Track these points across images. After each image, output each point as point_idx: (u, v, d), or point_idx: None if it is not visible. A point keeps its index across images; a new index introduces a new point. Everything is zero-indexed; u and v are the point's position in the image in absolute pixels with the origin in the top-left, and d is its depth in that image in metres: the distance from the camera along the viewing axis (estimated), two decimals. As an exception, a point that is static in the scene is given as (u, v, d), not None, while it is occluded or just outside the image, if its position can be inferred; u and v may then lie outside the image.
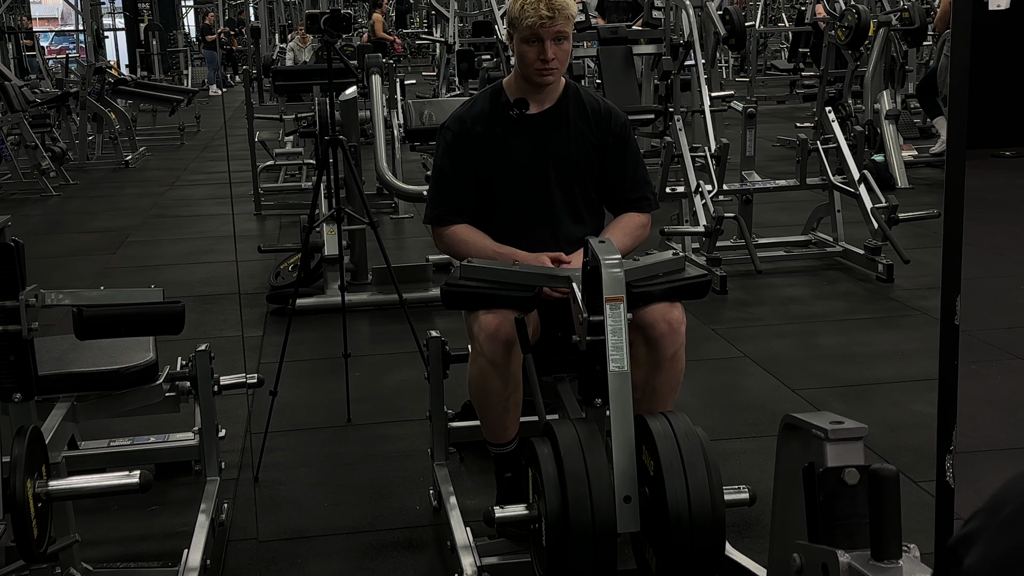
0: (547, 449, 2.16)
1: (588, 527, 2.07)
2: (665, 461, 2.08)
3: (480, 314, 2.56)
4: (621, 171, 2.86)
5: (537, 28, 2.66)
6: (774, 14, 20.33)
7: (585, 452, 2.12)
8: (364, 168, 6.02)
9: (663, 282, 2.54)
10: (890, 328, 4.71)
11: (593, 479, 2.09)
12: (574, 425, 2.21)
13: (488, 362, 2.55)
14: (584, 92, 2.90)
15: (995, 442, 3.40)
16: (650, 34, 7.97)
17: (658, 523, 2.10)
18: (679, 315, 2.59)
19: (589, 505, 2.07)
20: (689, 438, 2.12)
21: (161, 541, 2.93)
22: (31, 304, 2.23)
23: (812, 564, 1.48)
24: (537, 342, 2.63)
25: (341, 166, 4.09)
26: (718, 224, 5.35)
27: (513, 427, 2.69)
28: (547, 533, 2.12)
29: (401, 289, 3.87)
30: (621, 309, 2.23)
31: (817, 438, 1.55)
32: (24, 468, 2.02)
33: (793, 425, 1.68)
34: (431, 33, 14.69)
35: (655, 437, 2.11)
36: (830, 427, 1.54)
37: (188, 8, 28.31)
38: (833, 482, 1.48)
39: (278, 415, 3.51)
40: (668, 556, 2.07)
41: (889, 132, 8.00)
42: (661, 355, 2.57)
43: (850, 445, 1.53)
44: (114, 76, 12.55)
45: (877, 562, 1.36)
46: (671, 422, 2.16)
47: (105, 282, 5.72)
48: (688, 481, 2.07)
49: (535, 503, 2.20)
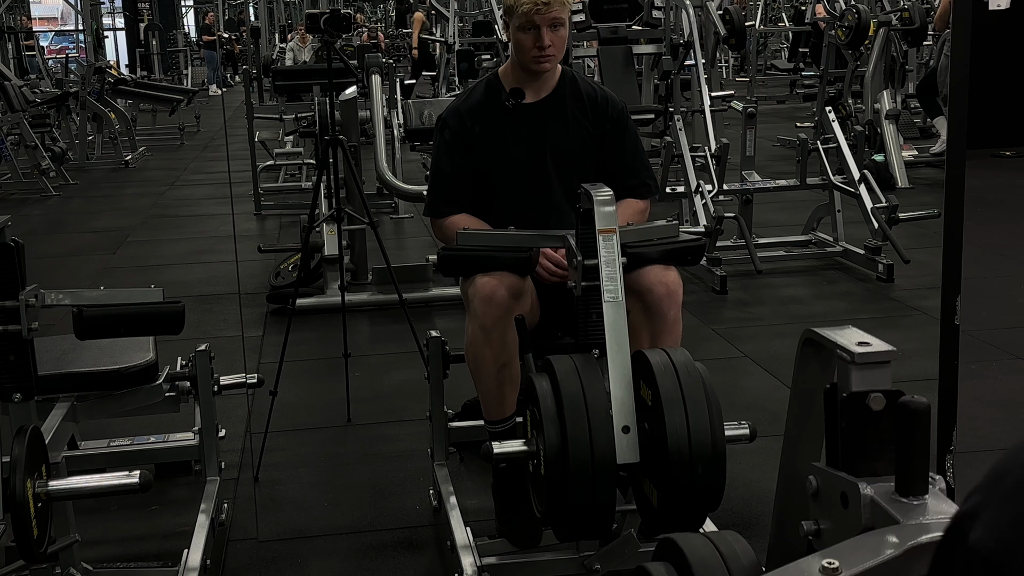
0: (545, 383, 2.13)
1: (587, 458, 2.03)
2: (664, 394, 2.04)
3: (476, 278, 2.56)
4: (620, 158, 2.86)
5: (533, 15, 2.65)
6: (774, 14, 20.33)
7: (584, 384, 2.09)
8: (364, 168, 6.02)
9: (658, 244, 2.55)
10: (890, 328, 4.70)
11: (592, 410, 2.06)
12: (572, 359, 2.17)
13: (480, 327, 2.54)
14: (581, 79, 2.89)
15: (995, 442, 3.40)
16: (650, 34, 7.97)
17: (658, 456, 2.06)
18: (675, 277, 2.58)
19: (588, 437, 2.04)
20: (689, 372, 2.09)
21: (161, 541, 2.93)
22: (31, 304, 2.23)
23: (829, 490, 1.40)
24: (536, 328, 2.63)
25: (341, 166, 4.09)
26: (718, 224, 5.34)
27: (509, 403, 2.66)
28: (546, 466, 2.08)
29: (401, 289, 3.87)
30: (614, 240, 2.24)
31: (842, 359, 1.46)
32: (24, 468, 2.02)
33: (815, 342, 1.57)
34: (431, 33, 14.68)
35: (654, 370, 2.08)
36: (856, 349, 1.44)
37: (188, 8, 28.31)
38: (857, 408, 1.39)
39: (278, 415, 3.51)
40: (669, 490, 2.04)
41: (889, 132, 8.00)
42: (661, 319, 2.55)
43: (877, 369, 1.44)
44: (114, 76, 12.55)
45: (901, 497, 1.29)
46: (671, 356, 2.12)
47: (105, 282, 5.72)
48: (688, 414, 2.03)
49: (534, 438, 2.17)
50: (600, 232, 2.25)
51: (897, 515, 1.28)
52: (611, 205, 2.28)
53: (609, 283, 2.22)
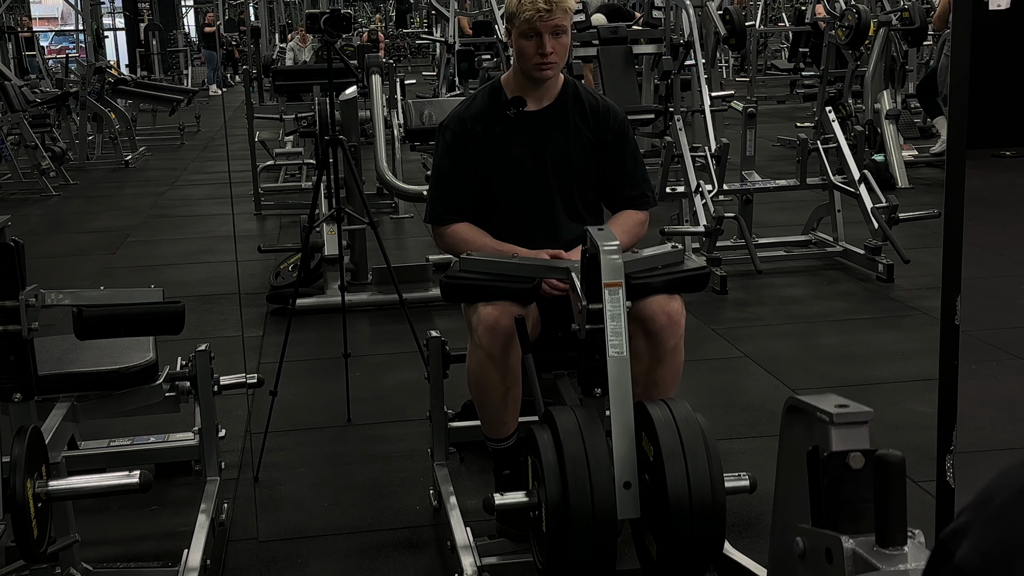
0: (547, 436, 2.15)
1: (588, 513, 2.05)
2: (665, 447, 2.06)
3: (479, 306, 2.56)
4: (620, 169, 2.86)
5: (535, 22, 2.66)
6: (774, 14, 20.33)
7: (585, 438, 2.11)
8: (364, 168, 6.02)
9: (662, 274, 2.55)
10: (890, 328, 4.70)
11: (593, 465, 2.08)
12: (574, 412, 2.19)
13: (486, 355, 2.55)
14: (583, 90, 2.90)
15: (995, 442, 3.40)
16: (650, 34, 7.97)
17: (658, 509, 2.08)
18: (679, 307, 2.59)
19: (589, 491, 2.06)
20: (689, 424, 2.11)
21: (161, 541, 2.93)
22: (31, 304, 2.23)
23: (815, 549, 1.45)
24: (537, 339, 2.63)
25: (341, 166, 4.09)
26: (718, 224, 5.34)
27: (512, 422, 2.68)
28: (547, 520, 2.10)
29: (401, 289, 3.87)
30: (620, 295, 2.23)
31: (821, 421, 1.52)
32: (24, 468, 2.02)
33: (797, 407, 1.65)
34: (431, 33, 14.68)
35: (655, 423, 2.10)
36: (835, 410, 1.50)
37: (188, 8, 28.31)
38: (838, 466, 1.44)
39: (278, 415, 3.51)
40: (668, 542, 2.06)
41: (889, 132, 8.00)
42: (661, 347, 2.57)
43: (855, 429, 1.50)
44: (114, 76, 12.55)
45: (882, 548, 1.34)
46: (671, 409, 2.14)
47: (105, 282, 5.72)
48: (688, 467, 2.05)
49: (535, 490, 2.18)
50: (606, 286, 2.23)
51: (878, 565, 1.33)
52: (617, 255, 2.25)
53: (614, 338, 2.21)
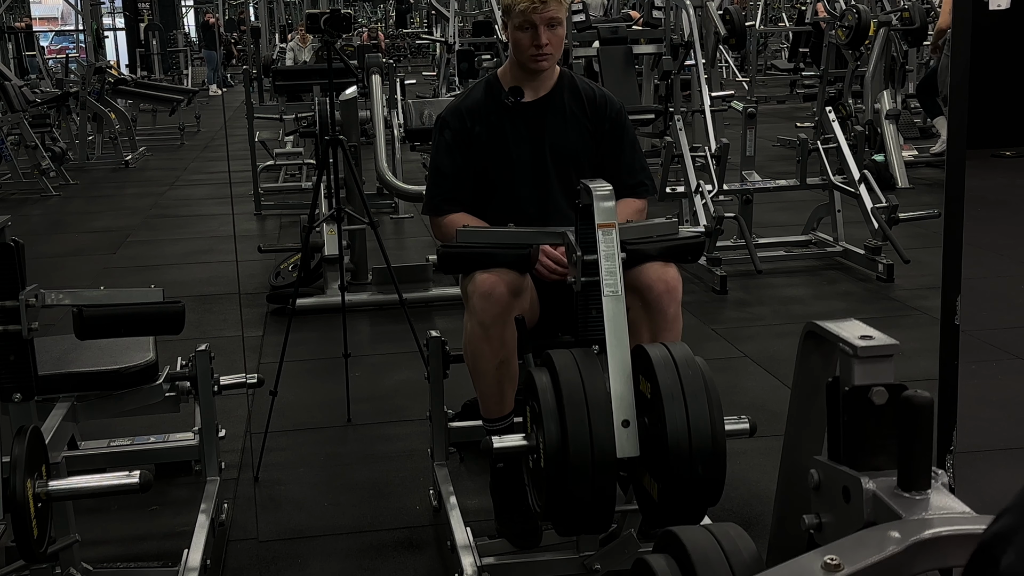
0: (545, 377, 2.13)
1: (587, 453, 2.03)
2: (664, 388, 2.04)
3: (475, 274, 2.56)
4: (618, 157, 2.87)
5: (530, 14, 2.68)
6: (774, 14, 20.33)
7: (584, 379, 2.09)
8: (364, 168, 6.02)
9: (657, 241, 2.56)
10: (890, 328, 4.65)
11: (592, 405, 2.06)
12: (572, 353, 2.17)
13: (479, 324, 2.54)
14: (579, 79, 2.92)
15: (995, 442, 3.40)
16: (650, 34, 7.97)
17: (658, 450, 2.06)
18: (675, 274, 2.59)
19: (588, 431, 2.04)
20: (689, 366, 2.08)
21: (161, 541, 2.93)
22: (31, 304, 2.23)
23: (831, 484, 1.40)
24: (535, 326, 2.63)
25: (341, 166, 4.09)
26: (718, 224, 5.34)
27: (508, 401, 2.67)
28: (546, 461, 2.08)
29: (401, 289, 3.87)
30: (614, 235, 2.25)
31: (844, 353, 1.45)
32: (24, 468, 2.02)
33: (817, 335, 1.57)
34: (431, 33, 14.68)
35: (654, 364, 2.08)
36: (859, 343, 1.44)
37: (188, 8, 28.31)
38: (860, 401, 1.38)
39: (278, 415, 3.51)
40: (669, 483, 2.04)
41: (889, 132, 8.00)
42: (661, 316, 2.56)
43: (880, 363, 1.43)
44: (114, 76, 12.55)
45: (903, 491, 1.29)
46: (670, 350, 2.12)
47: (105, 282, 5.72)
48: (688, 408, 2.03)
49: (533, 433, 2.17)
50: (599, 227, 2.26)
51: (899, 510, 1.27)
52: (611, 200, 2.29)
53: (609, 277, 2.23)
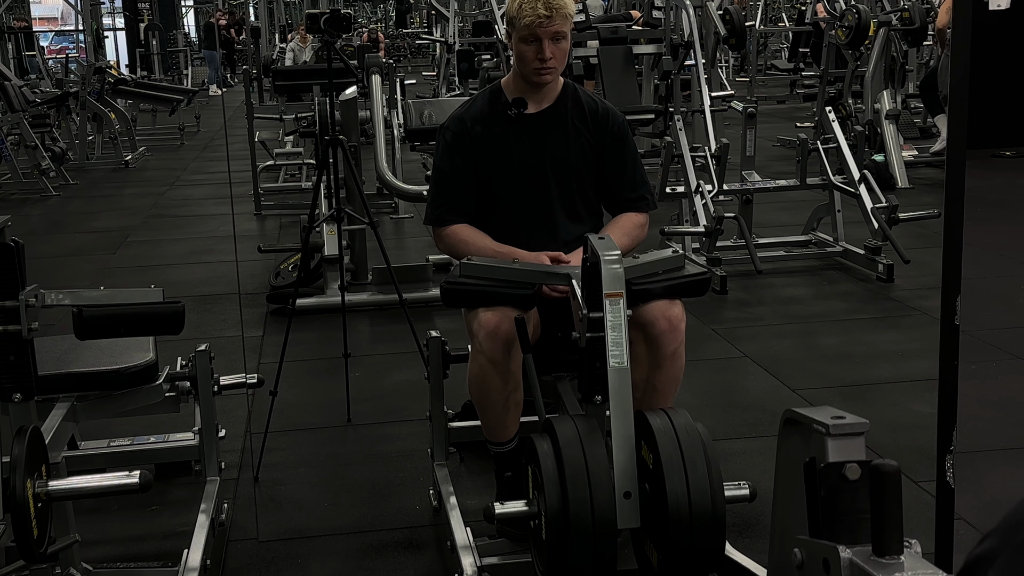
0: (547, 445, 2.16)
1: (588, 523, 2.06)
2: (665, 457, 2.07)
3: (480, 312, 2.56)
4: (619, 171, 2.87)
5: (535, 27, 2.68)
6: (774, 14, 20.33)
7: (585, 448, 2.12)
8: (364, 168, 6.02)
9: (663, 279, 2.55)
10: (890, 328, 4.71)
11: (593, 475, 2.09)
12: (574, 421, 2.20)
13: (488, 360, 2.55)
14: (582, 92, 2.91)
15: (995, 442, 3.40)
16: (650, 34, 7.97)
17: (658, 519, 2.09)
18: (679, 312, 2.59)
19: (589, 501, 2.07)
20: (689, 434, 2.12)
21: (161, 541, 2.93)
22: (31, 304, 2.23)
23: (813, 559, 1.47)
24: (537, 341, 2.63)
25: (341, 166, 4.09)
26: (718, 224, 5.34)
27: (513, 426, 2.69)
28: (547, 529, 2.11)
29: (401, 289, 3.87)
30: (620, 305, 2.24)
31: (818, 433, 1.55)
32: (24, 468, 2.02)
33: (794, 420, 1.67)
34: (431, 33, 14.68)
35: (655, 433, 2.11)
36: (831, 422, 1.53)
37: (188, 8, 28.31)
38: (834, 477, 1.47)
39: (278, 415, 3.51)
40: (669, 552, 2.07)
41: (889, 132, 8.00)
42: (661, 353, 2.57)
43: (851, 440, 1.52)
44: (114, 76, 12.54)
45: (879, 558, 1.35)
46: (671, 418, 2.15)
47: (105, 282, 5.72)
48: (688, 477, 2.06)
49: (535, 499, 2.19)
50: (607, 296, 2.23)
51: (875, 574, 1.34)
52: (618, 264, 2.25)
53: (614, 348, 2.21)
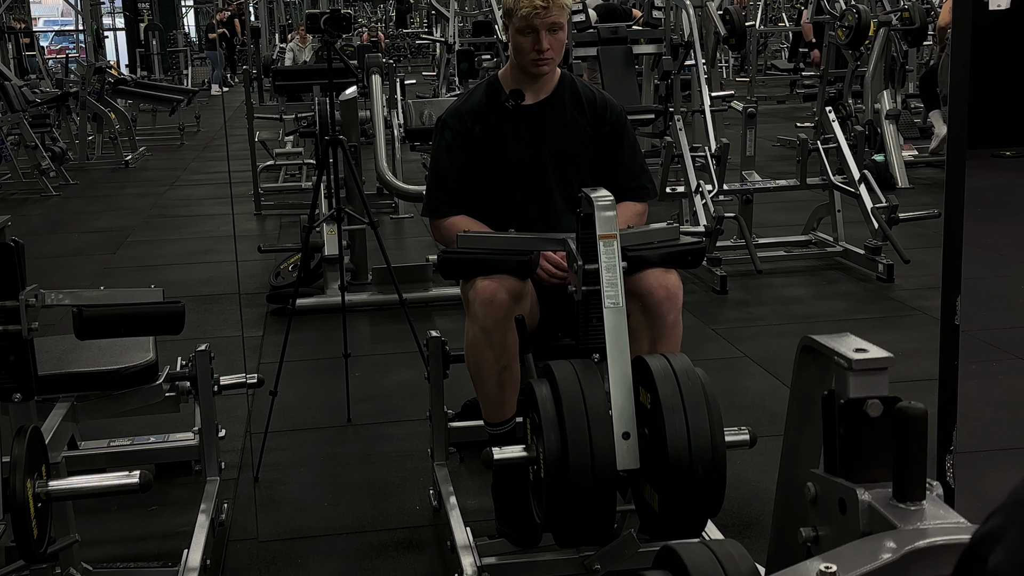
0: (545, 389, 2.14)
1: (588, 466, 2.04)
2: (664, 399, 2.05)
3: (476, 280, 2.57)
4: (619, 161, 2.88)
5: (531, 18, 2.69)
6: (774, 14, 20.33)
7: (584, 391, 2.10)
8: (364, 168, 6.02)
9: (658, 247, 2.56)
10: (890, 328, 4.70)
11: (591, 416, 2.07)
12: (572, 364, 2.18)
13: (481, 329, 2.55)
14: (580, 83, 2.92)
15: (995, 442, 3.40)
16: (650, 34, 7.96)
17: (658, 461, 2.07)
18: (676, 280, 2.59)
19: (588, 442, 2.04)
20: (689, 377, 2.09)
21: (161, 541, 2.93)
22: (31, 304, 2.23)
23: (828, 497, 1.42)
24: (536, 329, 2.63)
25: (341, 166, 4.09)
26: (718, 224, 5.35)
27: (510, 405, 2.68)
28: (546, 473, 2.09)
29: (401, 289, 3.87)
30: (615, 246, 2.26)
31: (839, 366, 1.47)
32: (24, 468, 2.02)
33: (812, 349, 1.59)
34: (431, 33, 14.68)
35: (654, 376, 2.08)
36: (854, 356, 1.45)
37: (188, 8, 28.32)
38: (855, 414, 1.40)
39: (278, 415, 3.51)
40: (669, 495, 2.04)
41: (889, 132, 8.00)
42: (661, 322, 2.56)
43: (874, 376, 1.44)
44: (114, 76, 12.54)
45: (899, 502, 1.30)
46: (670, 361, 2.13)
47: (105, 282, 5.72)
48: (688, 419, 2.04)
49: (534, 444, 2.17)
50: (601, 238, 2.26)
51: (895, 520, 1.28)
52: (612, 210, 2.29)
53: (610, 289, 2.23)
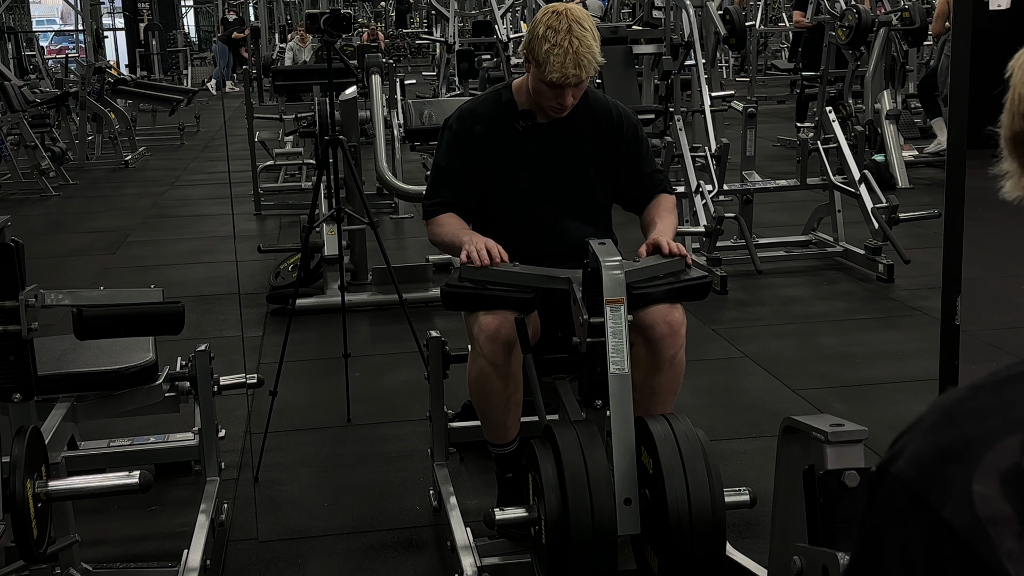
0: (547, 451, 2.16)
1: (588, 529, 2.07)
2: (665, 463, 2.08)
3: (480, 315, 2.55)
4: (639, 170, 2.84)
5: (562, 83, 2.57)
6: (774, 14, 20.32)
7: (585, 454, 2.12)
8: (364, 168, 6.02)
9: (663, 283, 2.54)
10: (890, 328, 4.70)
11: (593, 481, 2.09)
12: (574, 427, 2.21)
13: (488, 363, 2.55)
14: (592, 95, 2.80)
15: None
16: (650, 34, 7.97)
17: (659, 525, 2.10)
18: (680, 316, 2.58)
19: (589, 507, 2.07)
20: (689, 439, 2.13)
21: (161, 541, 2.93)
22: (31, 304, 2.23)
23: (812, 566, 1.48)
24: (537, 343, 2.63)
25: (341, 166, 4.09)
26: (718, 224, 5.34)
27: (514, 427, 2.68)
28: (547, 535, 2.11)
29: (401, 289, 3.87)
30: (621, 311, 2.23)
31: (817, 440, 1.56)
32: (24, 468, 2.02)
33: (793, 428, 1.68)
34: (431, 33, 14.68)
35: (655, 439, 2.12)
36: (830, 429, 1.54)
37: (188, 8, 28.32)
38: (833, 485, 1.48)
39: (278, 415, 3.51)
40: (669, 558, 2.08)
41: (889, 132, 8.00)
42: (661, 356, 2.56)
43: (850, 448, 1.53)
44: (114, 76, 12.54)
45: None
46: (671, 424, 2.16)
47: (105, 282, 5.72)
48: (688, 482, 2.07)
49: (535, 505, 2.20)
50: (608, 302, 2.23)
51: None
52: (619, 271, 2.25)
53: (615, 355, 2.21)
